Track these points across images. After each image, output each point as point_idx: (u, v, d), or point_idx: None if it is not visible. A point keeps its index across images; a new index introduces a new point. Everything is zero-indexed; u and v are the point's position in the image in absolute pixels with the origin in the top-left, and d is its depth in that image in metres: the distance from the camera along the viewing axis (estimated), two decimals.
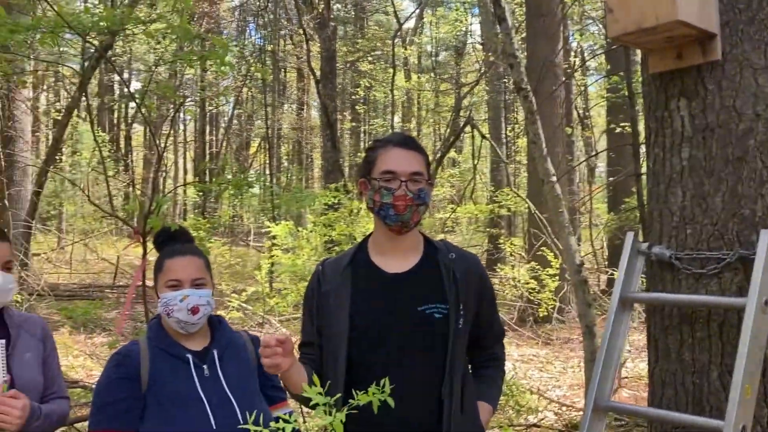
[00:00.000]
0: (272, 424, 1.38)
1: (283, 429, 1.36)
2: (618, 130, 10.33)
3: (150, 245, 4.25)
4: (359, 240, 2.21)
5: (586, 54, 17.65)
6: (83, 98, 11.12)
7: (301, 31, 16.07)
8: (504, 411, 5.53)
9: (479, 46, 19.16)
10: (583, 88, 16.25)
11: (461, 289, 2.01)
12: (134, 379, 2.00)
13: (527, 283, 9.75)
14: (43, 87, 20.81)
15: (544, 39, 10.28)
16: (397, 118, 24.59)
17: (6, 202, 11.15)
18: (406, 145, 2.05)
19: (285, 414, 2.14)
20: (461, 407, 1.97)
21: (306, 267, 7.04)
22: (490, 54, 14.41)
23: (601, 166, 20.16)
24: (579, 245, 10.49)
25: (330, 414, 1.40)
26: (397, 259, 2.06)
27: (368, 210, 2.10)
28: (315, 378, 1.51)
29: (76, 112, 14.77)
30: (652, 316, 2.29)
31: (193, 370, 2.04)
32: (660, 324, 2.24)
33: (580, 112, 16.83)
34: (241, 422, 1.97)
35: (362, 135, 25.73)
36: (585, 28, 16.03)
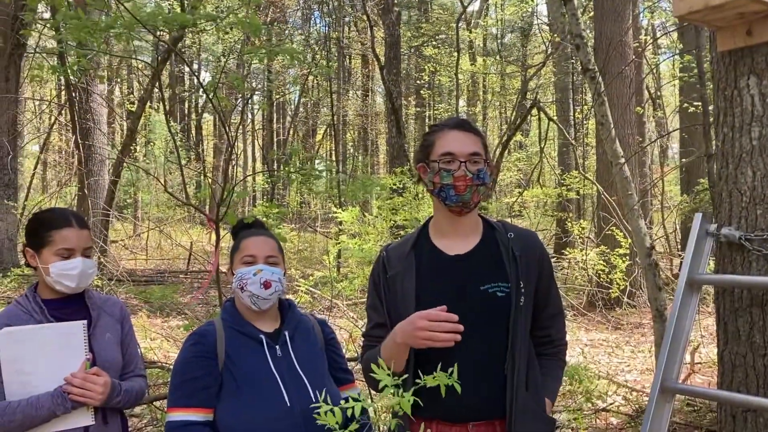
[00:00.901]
0: (342, 402, 1.43)
1: (353, 408, 1.41)
2: (691, 109, 9.98)
3: (222, 231, 4.42)
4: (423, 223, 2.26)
5: (657, 32, 17.06)
6: (156, 90, 11.52)
7: (365, 18, 16.14)
8: (573, 396, 5.48)
9: (546, 27, 18.76)
10: (654, 68, 15.70)
11: (521, 267, 2.04)
12: (211, 358, 2.09)
13: (595, 266, 9.58)
14: (117, 80, 21.62)
15: (613, 18, 10.02)
16: (462, 102, 24.41)
17: (86, 191, 11.70)
18: (463, 128, 2.09)
19: (354, 394, 2.21)
20: (525, 386, 1.99)
21: (372, 251, 7.14)
22: (556, 35, 14.11)
23: (675, 147, 19.49)
24: (650, 228, 10.24)
25: (397, 395, 1.45)
26: (458, 241, 2.10)
27: (428, 193, 2.15)
28: (381, 361, 1.55)
29: (149, 103, 15.28)
30: (721, 299, 2.25)
31: (266, 350, 2.13)
32: (730, 306, 2.20)
33: (652, 91, 16.28)
34: (314, 400, 2.05)
35: (427, 120, 25.63)
36: (656, 5, 15.49)
